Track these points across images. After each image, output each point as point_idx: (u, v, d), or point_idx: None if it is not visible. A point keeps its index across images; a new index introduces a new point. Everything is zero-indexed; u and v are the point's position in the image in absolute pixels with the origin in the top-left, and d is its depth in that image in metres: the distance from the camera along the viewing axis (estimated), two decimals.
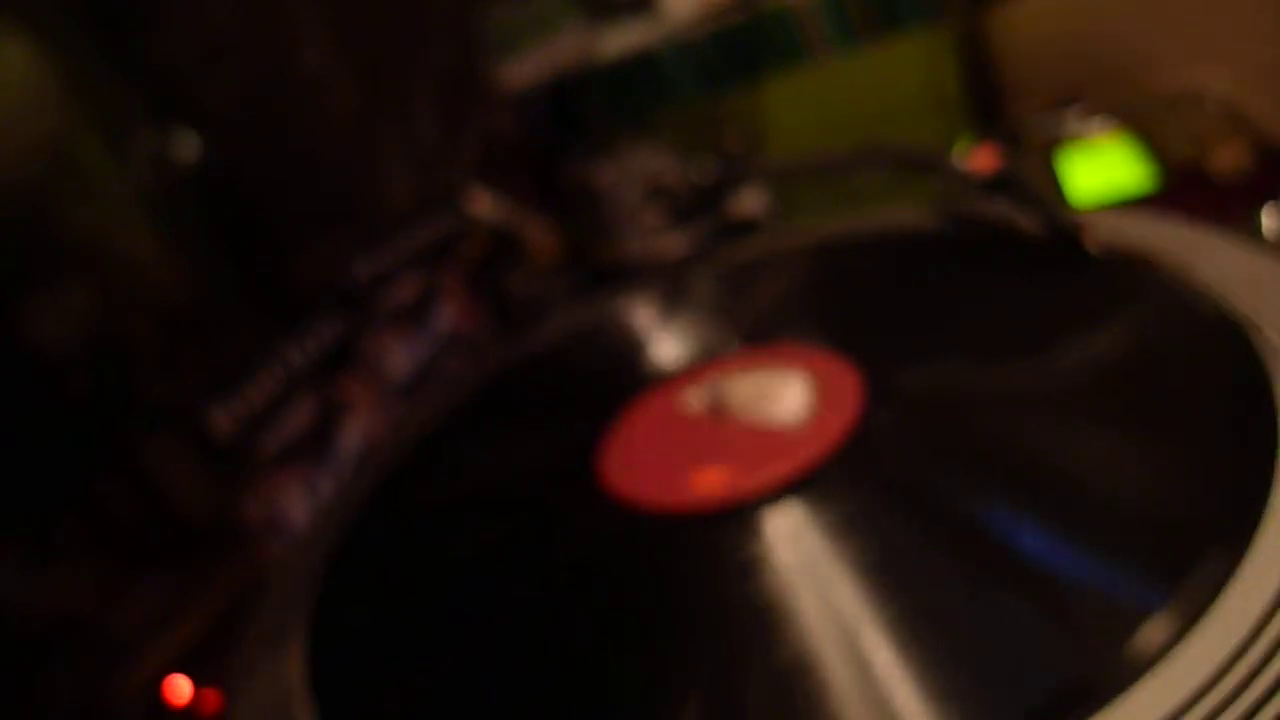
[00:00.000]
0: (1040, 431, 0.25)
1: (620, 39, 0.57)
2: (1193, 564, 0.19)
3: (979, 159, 0.35)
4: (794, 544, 0.24)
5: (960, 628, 0.20)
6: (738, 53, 0.53)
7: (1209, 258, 0.28)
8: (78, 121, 0.38)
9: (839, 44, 0.52)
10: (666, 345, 0.37)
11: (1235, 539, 0.19)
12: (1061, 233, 0.32)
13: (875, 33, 0.52)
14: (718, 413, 0.30)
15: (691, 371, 0.33)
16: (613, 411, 0.32)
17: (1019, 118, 0.50)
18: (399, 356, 0.46)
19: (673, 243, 0.47)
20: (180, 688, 0.30)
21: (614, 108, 0.56)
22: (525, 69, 0.58)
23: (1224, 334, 0.25)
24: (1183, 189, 0.39)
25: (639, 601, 0.25)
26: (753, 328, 0.36)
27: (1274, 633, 0.18)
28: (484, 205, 0.51)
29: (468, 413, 0.38)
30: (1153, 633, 0.18)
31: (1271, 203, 0.35)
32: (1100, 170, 0.41)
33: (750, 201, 0.48)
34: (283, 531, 0.40)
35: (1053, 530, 0.22)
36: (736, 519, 0.25)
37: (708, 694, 0.21)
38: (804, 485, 0.25)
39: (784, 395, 0.29)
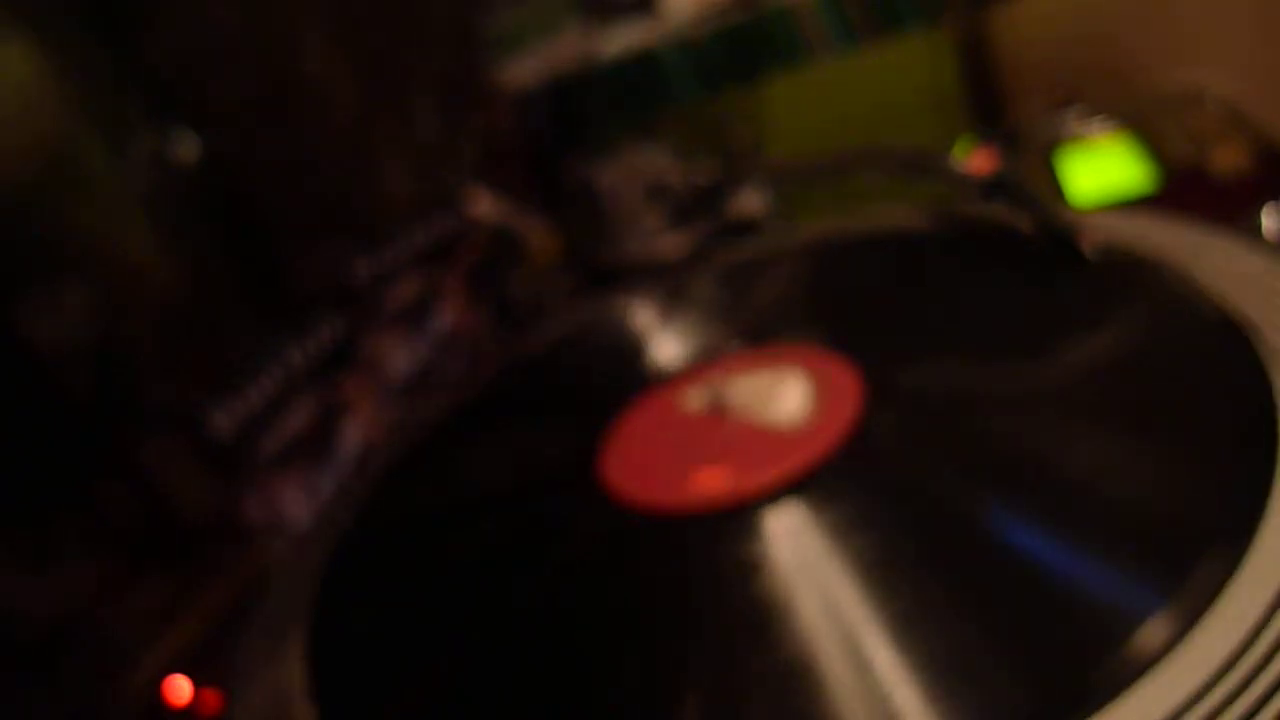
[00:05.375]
0: (1039, 432, 0.25)
1: (620, 39, 0.57)
2: (1193, 564, 0.19)
3: (977, 160, 0.35)
4: (794, 544, 0.24)
5: (960, 628, 0.20)
6: (738, 53, 0.53)
7: (1208, 258, 0.28)
8: (78, 121, 0.38)
9: (839, 44, 0.52)
10: (666, 345, 0.37)
11: (1235, 539, 0.19)
12: (1058, 234, 0.32)
13: (875, 33, 0.52)
14: (718, 413, 0.30)
15: (691, 371, 0.33)
16: (613, 411, 0.32)
17: (1019, 118, 0.50)
18: (399, 356, 0.46)
19: (673, 243, 0.47)
20: (180, 688, 0.30)
21: (614, 108, 0.56)
22: (525, 69, 0.58)
23: (1223, 335, 0.25)
24: (1183, 189, 0.39)
25: (639, 602, 0.25)
26: (753, 328, 0.36)
27: (1274, 633, 0.18)
28: (484, 206, 0.51)
29: (467, 413, 0.38)
30: (1153, 633, 0.18)
31: (1271, 203, 0.35)
32: (1100, 171, 0.41)
33: (750, 202, 0.48)
34: (283, 531, 0.40)
35: (1052, 530, 0.22)
36: (736, 519, 0.25)
37: (708, 694, 0.21)
38: (804, 485, 0.25)
39: (783, 396, 0.29)
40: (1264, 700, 0.17)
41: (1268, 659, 0.17)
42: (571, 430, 0.32)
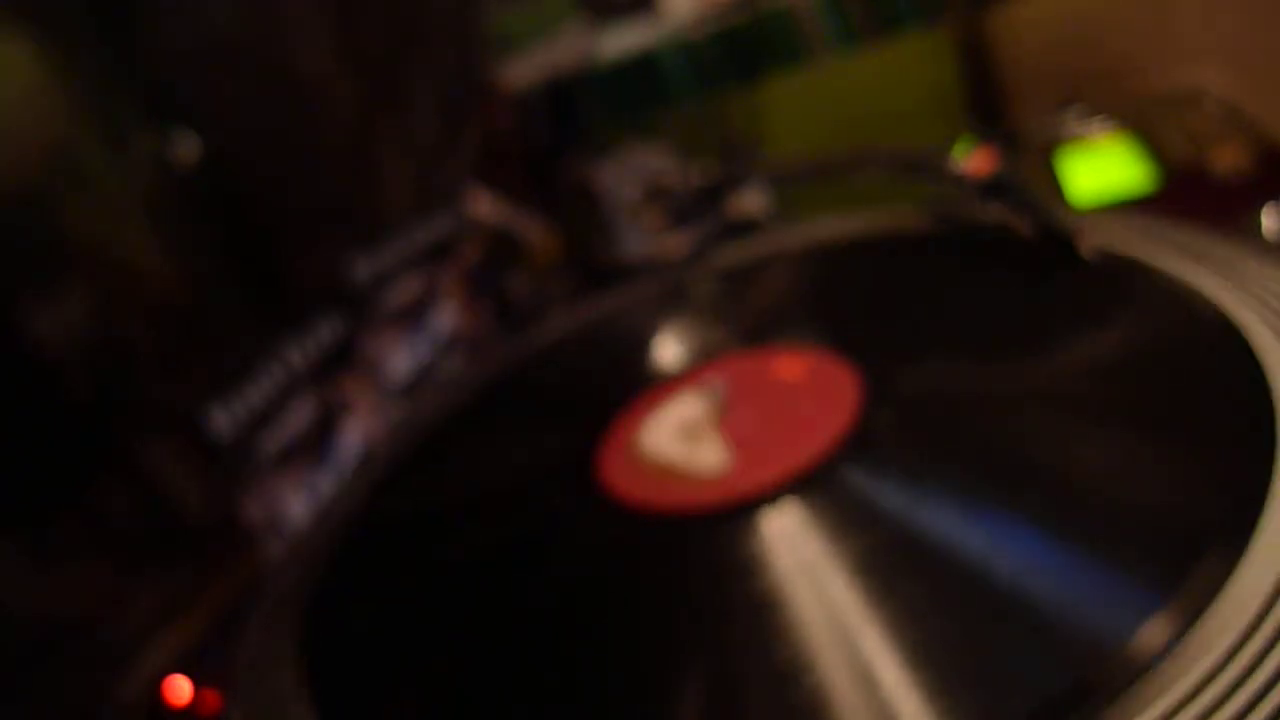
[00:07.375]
0: (1038, 432, 0.25)
1: (620, 39, 0.57)
2: (1192, 564, 0.19)
3: (976, 161, 0.35)
4: (794, 544, 0.24)
5: (959, 628, 0.20)
6: (738, 53, 0.53)
7: (1207, 259, 0.28)
8: (78, 121, 0.38)
9: (839, 45, 0.52)
10: (666, 345, 0.37)
11: (1234, 539, 0.19)
12: (1057, 235, 0.32)
13: (875, 33, 0.52)
14: (716, 413, 0.30)
15: (691, 372, 0.33)
16: (613, 411, 0.32)
17: (1019, 118, 0.50)
18: (399, 356, 0.46)
19: (673, 243, 0.47)
20: (180, 688, 0.30)
21: (614, 108, 0.56)
22: (525, 69, 0.58)
23: (1221, 335, 0.25)
24: (1182, 190, 0.39)
25: (639, 602, 0.25)
26: (753, 328, 0.36)
27: (1272, 632, 0.18)
28: (484, 206, 0.51)
29: (467, 413, 0.38)
30: (1152, 633, 0.18)
31: (1271, 203, 0.35)
32: (1100, 171, 0.41)
33: (750, 201, 0.48)
34: (283, 531, 0.40)
35: (1051, 530, 0.22)
36: (736, 519, 0.25)
37: (707, 694, 0.21)
38: (803, 485, 0.25)
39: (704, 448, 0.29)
40: (1261, 697, 0.17)
41: (1266, 657, 0.17)
42: (571, 430, 0.32)
